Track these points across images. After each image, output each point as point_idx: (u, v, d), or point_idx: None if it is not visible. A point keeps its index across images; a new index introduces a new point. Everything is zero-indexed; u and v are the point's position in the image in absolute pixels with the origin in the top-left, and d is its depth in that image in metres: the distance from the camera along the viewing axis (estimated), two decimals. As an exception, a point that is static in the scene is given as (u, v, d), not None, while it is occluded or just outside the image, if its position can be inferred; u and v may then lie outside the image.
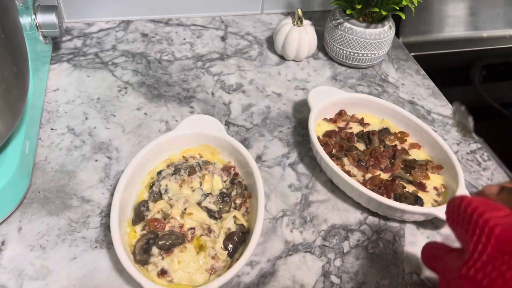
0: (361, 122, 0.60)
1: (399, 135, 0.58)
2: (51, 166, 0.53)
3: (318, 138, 0.56)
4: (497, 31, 0.93)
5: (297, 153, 0.58)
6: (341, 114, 0.60)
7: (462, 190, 0.49)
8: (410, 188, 0.52)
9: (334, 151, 0.55)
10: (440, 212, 0.46)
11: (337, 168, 0.50)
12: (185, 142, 0.53)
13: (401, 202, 0.49)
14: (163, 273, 0.41)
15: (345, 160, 0.54)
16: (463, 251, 0.27)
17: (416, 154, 0.56)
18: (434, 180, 0.53)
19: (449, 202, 0.31)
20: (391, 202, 0.47)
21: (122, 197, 0.45)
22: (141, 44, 0.74)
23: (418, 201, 0.50)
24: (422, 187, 0.52)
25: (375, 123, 0.61)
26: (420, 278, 0.46)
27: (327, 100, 0.59)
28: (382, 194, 0.49)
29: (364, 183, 0.52)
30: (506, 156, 0.61)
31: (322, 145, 0.53)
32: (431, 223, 0.51)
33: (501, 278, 0.22)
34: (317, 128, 0.58)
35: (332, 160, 0.52)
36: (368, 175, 0.53)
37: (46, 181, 0.51)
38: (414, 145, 0.57)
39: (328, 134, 0.58)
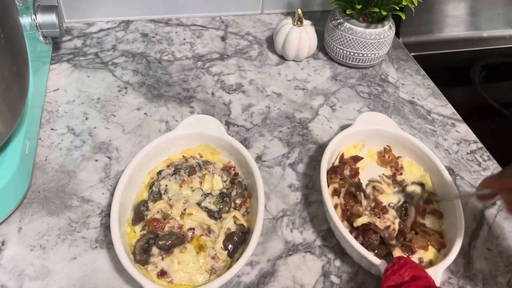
0: (398, 168, 0.54)
1: (430, 197, 0.51)
2: (51, 166, 0.53)
3: (342, 157, 0.53)
4: (497, 31, 0.93)
5: (297, 153, 0.58)
6: (385, 150, 0.55)
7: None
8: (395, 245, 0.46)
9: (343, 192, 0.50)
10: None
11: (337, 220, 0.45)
12: (185, 142, 0.53)
13: (366, 248, 0.44)
14: (162, 274, 0.41)
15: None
16: None
17: (431, 221, 0.49)
18: (429, 254, 0.45)
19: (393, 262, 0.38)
20: (353, 242, 0.43)
21: (122, 197, 0.45)
22: (141, 44, 0.74)
23: (387, 256, 0.45)
24: (410, 251, 0.45)
25: (414, 175, 0.53)
26: (420, 278, 0.46)
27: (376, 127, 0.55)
28: (357, 234, 0.46)
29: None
30: (506, 156, 0.61)
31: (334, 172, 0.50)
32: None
33: None
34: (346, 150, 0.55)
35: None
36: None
37: (46, 181, 0.51)
38: (435, 212, 0.49)
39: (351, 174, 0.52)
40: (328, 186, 0.49)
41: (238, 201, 0.48)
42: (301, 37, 0.69)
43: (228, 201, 0.48)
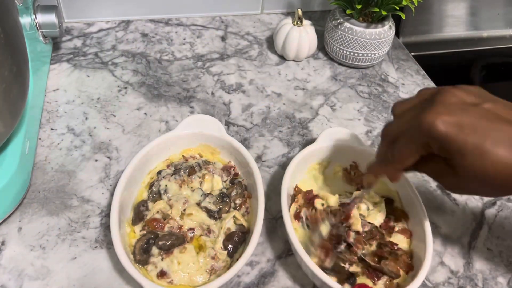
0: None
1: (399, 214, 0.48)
2: (51, 166, 0.53)
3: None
4: (497, 31, 0.93)
5: (297, 153, 0.58)
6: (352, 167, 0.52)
7: None
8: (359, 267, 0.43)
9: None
10: None
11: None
12: (185, 142, 0.53)
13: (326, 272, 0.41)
14: (162, 274, 0.41)
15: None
16: None
17: (399, 240, 0.45)
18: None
19: None
20: (312, 266, 0.40)
21: (122, 197, 0.45)
22: (141, 44, 0.74)
23: (349, 279, 0.42)
24: (375, 276, 0.42)
25: (380, 190, 0.50)
26: (420, 278, 0.46)
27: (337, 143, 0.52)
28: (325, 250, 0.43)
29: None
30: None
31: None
32: (432, 223, 0.51)
33: None
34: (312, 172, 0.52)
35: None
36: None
37: (46, 181, 0.51)
38: (404, 231, 0.46)
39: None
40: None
41: (238, 201, 0.48)
42: (301, 37, 0.69)
43: (228, 201, 0.48)
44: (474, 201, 0.54)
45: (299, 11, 0.68)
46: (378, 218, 0.46)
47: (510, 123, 0.32)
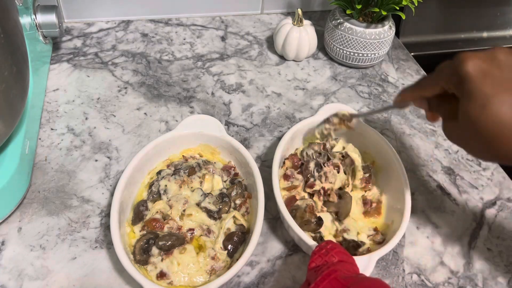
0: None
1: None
2: (51, 166, 0.53)
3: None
4: (497, 31, 0.93)
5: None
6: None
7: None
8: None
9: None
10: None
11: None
12: (185, 142, 0.53)
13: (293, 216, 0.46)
14: (162, 275, 0.41)
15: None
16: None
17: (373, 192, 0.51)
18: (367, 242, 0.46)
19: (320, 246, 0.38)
20: (291, 222, 0.44)
21: (122, 197, 0.45)
22: (141, 44, 0.74)
23: (319, 222, 0.46)
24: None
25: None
26: (420, 278, 0.46)
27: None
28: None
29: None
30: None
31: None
32: (432, 223, 0.51)
33: None
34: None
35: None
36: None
37: (46, 181, 0.51)
38: (378, 209, 0.51)
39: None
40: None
41: (238, 201, 0.48)
42: (301, 37, 0.69)
43: (227, 201, 0.48)
44: (474, 201, 0.54)
45: (299, 11, 0.68)
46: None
47: None
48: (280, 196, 0.46)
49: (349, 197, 0.49)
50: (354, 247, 0.45)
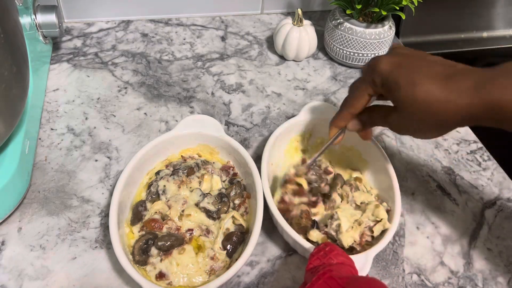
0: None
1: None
2: (51, 166, 0.53)
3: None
4: (497, 31, 0.93)
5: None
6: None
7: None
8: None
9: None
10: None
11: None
12: (184, 142, 0.53)
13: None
14: (161, 276, 0.41)
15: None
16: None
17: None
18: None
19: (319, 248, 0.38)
20: (285, 226, 0.43)
21: (121, 197, 0.45)
22: (141, 44, 0.74)
23: (314, 225, 0.46)
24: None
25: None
26: (420, 278, 0.46)
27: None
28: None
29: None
30: (506, 156, 0.61)
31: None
32: (432, 223, 0.51)
33: None
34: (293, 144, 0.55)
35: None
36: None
37: (46, 181, 0.51)
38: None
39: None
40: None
41: (237, 201, 0.48)
42: (301, 37, 0.69)
43: (226, 202, 0.48)
44: (474, 201, 0.54)
45: (299, 11, 0.68)
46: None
47: (440, 65, 0.38)
48: (272, 201, 0.45)
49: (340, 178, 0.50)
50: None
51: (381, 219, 0.45)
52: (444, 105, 0.36)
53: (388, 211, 0.47)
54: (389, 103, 0.42)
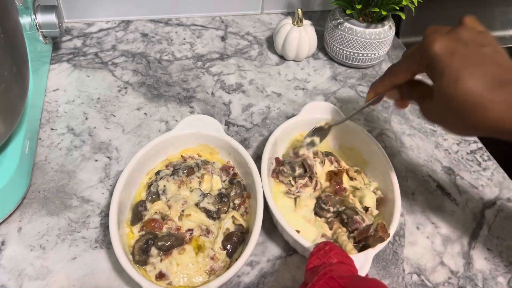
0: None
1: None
2: (51, 166, 0.53)
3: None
4: (497, 31, 0.93)
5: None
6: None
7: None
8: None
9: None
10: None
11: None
12: (184, 142, 0.53)
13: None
14: (161, 276, 0.41)
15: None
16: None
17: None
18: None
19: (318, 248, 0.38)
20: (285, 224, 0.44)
21: (121, 197, 0.45)
22: (141, 44, 0.74)
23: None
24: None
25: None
26: (420, 278, 0.46)
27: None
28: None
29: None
30: (506, 156, 0.61)
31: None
32: (431, 223, 0.51)
33: None
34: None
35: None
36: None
37: (46, 181, 0.51)
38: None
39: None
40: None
41: (237, 201, 0.48)
42: (301, 37, 0.69)
43: (226, 202, 0.48)
44: (474, 201, 0.54)
45: (299, 11, 0.68)
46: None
47: (499, 66, 0.35)
48: (272, 201, 0.45)
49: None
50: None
51: (369, 207, 0.46)
52: (483, 113, 0.34)
53: (382, 201, 0.48)
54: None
